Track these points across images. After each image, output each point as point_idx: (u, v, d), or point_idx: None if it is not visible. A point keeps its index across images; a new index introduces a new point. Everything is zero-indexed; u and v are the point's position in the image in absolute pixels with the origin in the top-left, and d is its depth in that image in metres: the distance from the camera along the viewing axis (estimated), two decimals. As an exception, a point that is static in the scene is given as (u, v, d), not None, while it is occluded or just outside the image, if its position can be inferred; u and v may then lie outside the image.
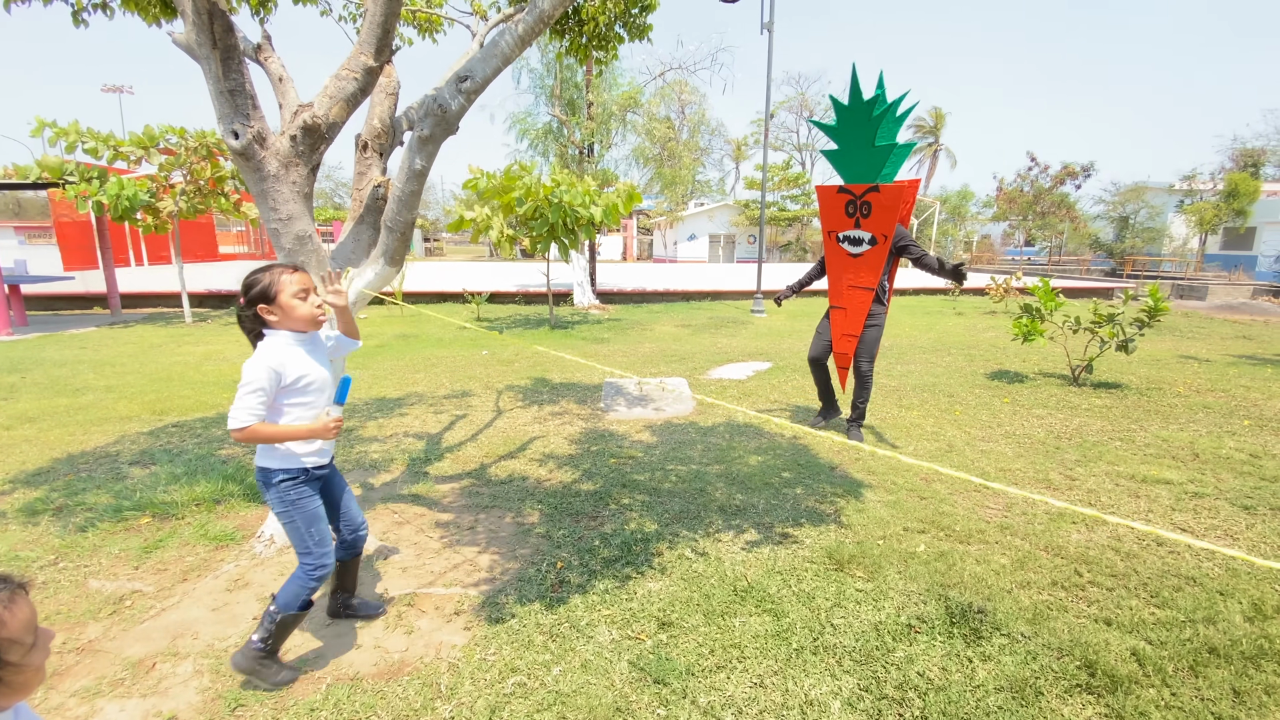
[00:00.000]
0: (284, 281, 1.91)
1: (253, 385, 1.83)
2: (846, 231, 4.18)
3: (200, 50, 2.20)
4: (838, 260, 4.29)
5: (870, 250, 4.12)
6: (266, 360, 1.86)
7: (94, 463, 4.08)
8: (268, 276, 1.91)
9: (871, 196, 4.00)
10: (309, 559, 2.00)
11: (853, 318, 4.30)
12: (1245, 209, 24.13)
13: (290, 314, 1.92)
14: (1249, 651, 2.20)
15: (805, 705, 1.95)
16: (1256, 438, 4.65)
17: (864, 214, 4.04)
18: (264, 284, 1.90)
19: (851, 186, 4.08)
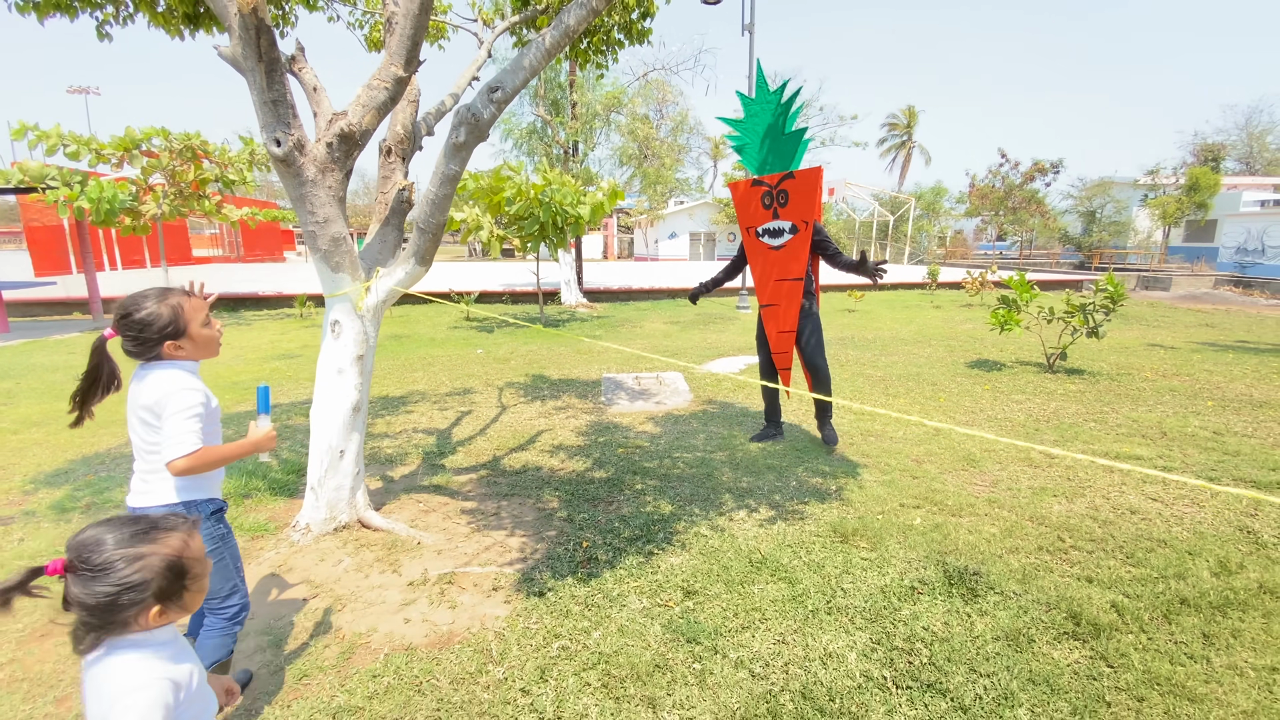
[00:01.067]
0: (190, 310, 1.70)
1: (192, 410, 1.63)
2: (766, 224, 4.07)
3: (246, 63, 2.33)
4: (761, 257, 4.15)
5: (792, 240, 4.00)
6: (193, 383, 1.68)
7: (110, 463, 4.14)
8: (169, 307, 1.66)
9: (787, 184, 3.93)
10: (234, 599, 1.84)
11: (786, 312, 4.15)
12: (1206, 202, 25.04)
13: (201, 345, 1.74)
14: (1216, 602, 2.46)
15: (825, 657, 2.15)
16: (1219, 417, 4.98)
17: (781, 203, 3.96)
18: (167, 317, 1.66)
19: (766, 178, 4.00)
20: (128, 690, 0.99)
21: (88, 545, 0.99)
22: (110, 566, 0.98)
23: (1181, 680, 2.03)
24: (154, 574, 1.01)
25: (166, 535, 1.05)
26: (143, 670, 1.01)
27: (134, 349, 1.66)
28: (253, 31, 2.26)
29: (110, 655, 1.01)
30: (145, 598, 1.00)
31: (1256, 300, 15.47)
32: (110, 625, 1.00)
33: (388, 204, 3.06)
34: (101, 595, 0.97)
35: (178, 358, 1.70)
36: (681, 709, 1.92)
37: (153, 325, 1.64)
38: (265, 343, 9.19)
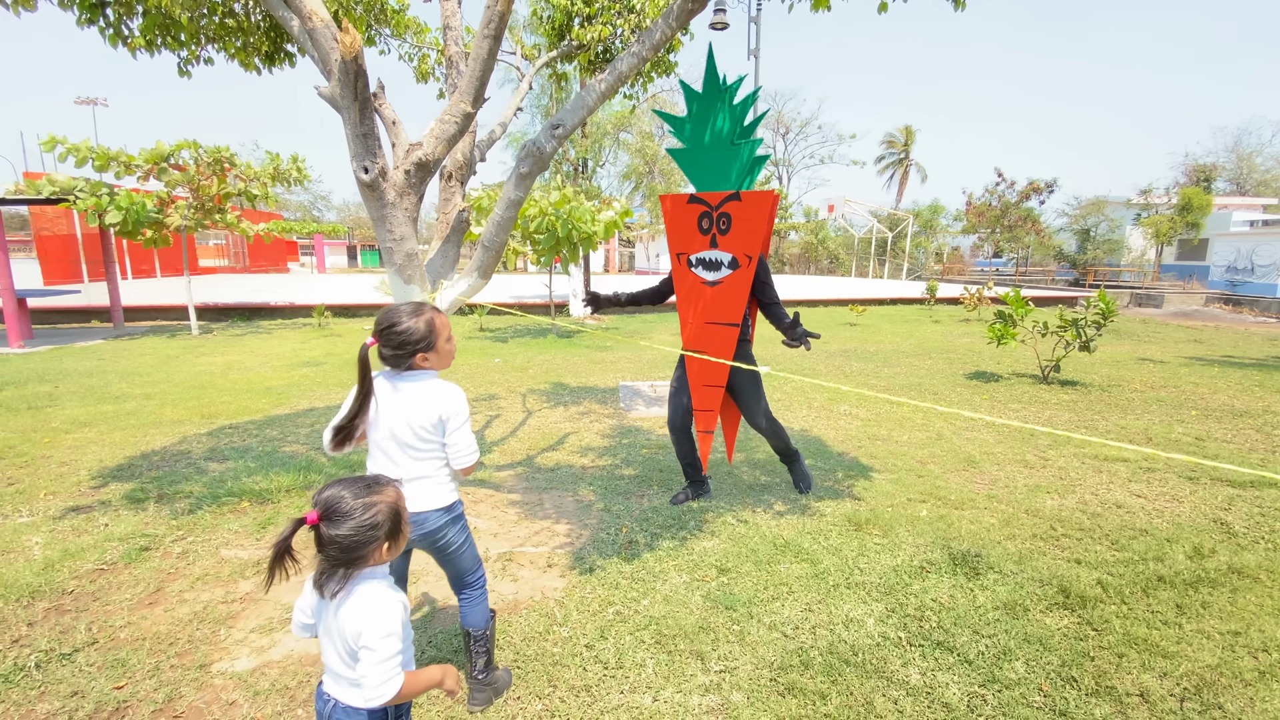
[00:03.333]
0: (440, 325, 1.86)
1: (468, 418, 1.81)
2: (701, 253, 3.36)
3: (343, 102, 2.68)
4: (690, 291, 3.44)
5: (731, 276, 3.31)
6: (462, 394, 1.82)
7: (169, 460, 4.44)
8: (424, 322, 1.82)
9: (731, 207, 3.24)
10: (479, 572, 2.05)
11: (714, 364, 3.41)
12: (1198, 222, 25.62)
13: (444, 357, 1.90)
14: (1189, 580, 2.78)
15: (847, 622, 2.47)
16: (1202, 425, 5.33)
17: (721, 229, 3.28)
18: (423, 330, 1.82)
19: (706, 196, 3.30)
20: (379, 604, 1.28)
21: (333, 500, 1.27)
22: (352, 513, 1.26)
23: (1156, 641, 2.34)
24: (384, 517, 1.29)
25: (386, 487, 1.34)
26: (384, 590, 1.32)
27: (391, 357, 1.81)
28: (351, 75, 2.61)
29: (355, 586, 1.30)
30: (379, 535, 1.29)
31: (1245, 317, 15.90)
32: (355, 561, 1.27)
33: (449, 223, 3.40)
34: (350, 535, 1.25)
35: (424, 368, 1.85)
36: (725, 661, 2.23)
37: (410, 338, 1.80)
38: (289, 351, 9.50)
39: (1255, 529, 3.30)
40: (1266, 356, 9.22)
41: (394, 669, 1.27)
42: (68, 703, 2.04)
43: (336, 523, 1.25)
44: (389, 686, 1.25)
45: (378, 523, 1.28)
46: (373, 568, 1.31)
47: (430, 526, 1.86)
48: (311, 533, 1.27)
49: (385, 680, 1.25)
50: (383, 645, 1.25)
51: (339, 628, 1.29)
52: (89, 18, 3.16)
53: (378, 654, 1.25)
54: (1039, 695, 2.08)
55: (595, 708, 2.01)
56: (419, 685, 1.34)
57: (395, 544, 1.33)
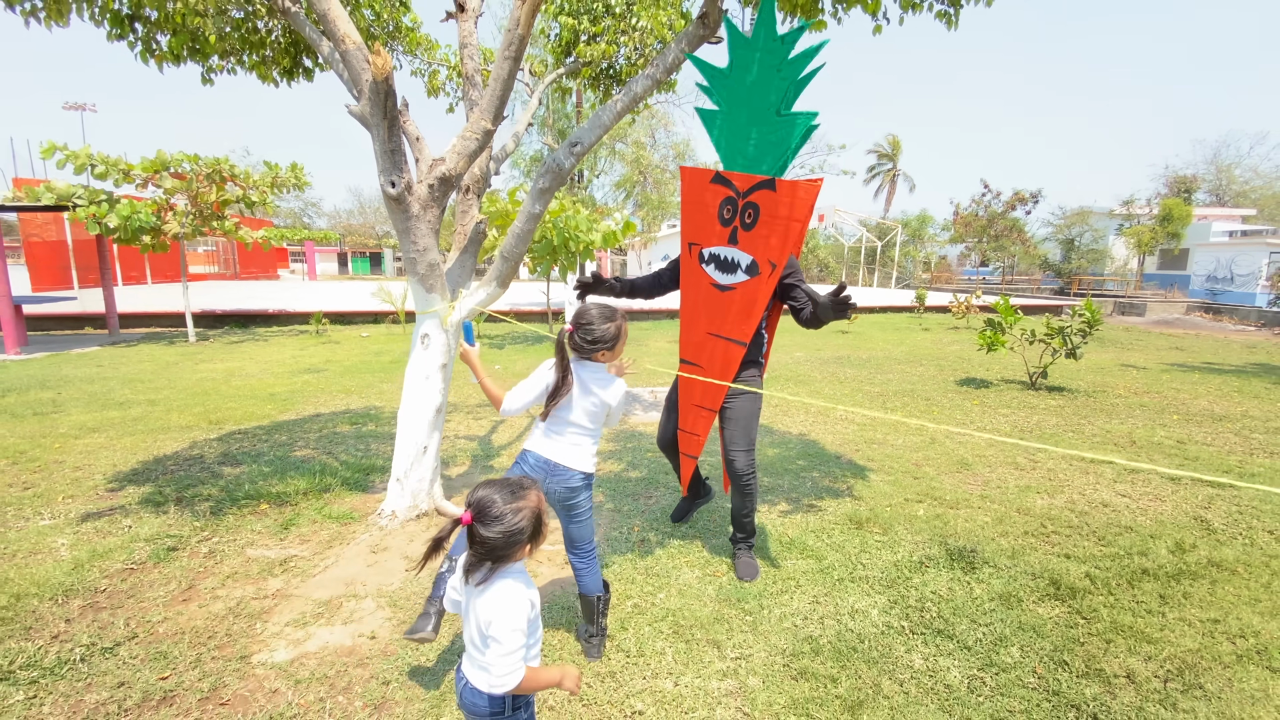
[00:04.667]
0: (624, 333, 2.21)
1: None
2: (716, 248, 2.76)
3: (373, 119, 2.82)
4: (698, 291, 2.86)
5: (747, 283, 2.71)
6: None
7: (183, 464, 4.51)
8: (616, 328, 2.18)
9: (762, 196, 2.57)
10: (593, 542, 2.34)
11: (714, 387, 2.87)
12: (1179, 232, 26.21)
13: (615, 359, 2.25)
14: (1171, 572, 2.95)
15: (852, 612, 2.61)
16: (1183, 429, 5.54)
17: (746, 222, 2.64)
18: (613, 333, 2.18)
19: (733, 176, 2.65)
20: (511, 600, 1.39)
21: (484, 502, 1.39)
22: (502, 517, 1.38)
23: (1141, 628, 2.50)
24: (529, 521, 1.41)
25: (529, 492, 1.45)
26: (518, 588, 1.42)
27: (580, 347, 2.18)
28: (381, 95, 2.75)
29: (495, 580, 1.41)
30: (524, 539, 1.40)
31: (1225, 325, 16.31)
32: (502, 559, 1.40)
33: (466, 234, 3.54)
34: (500, 536, 1.37)
35: (600, 362, 2.21)
36: (740, 649, 2.37)
37: (603, 338, 2.16)
38: (288, 358, 9.55)
39: (1233, 525, 3.48)
40: (1245, 363, 9.52)
41: (517, 662, 1.36)
42: (115, 693, 2.13)
43: (488, 524, 1.37)
44: (511, 678, 1.35)
45: (523, 527, 1.40)
46: (514, 564, 1.43)
47: (573, 483, 2.20)
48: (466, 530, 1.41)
49: (508, 672, 1.35)
50: (509, 638, 1.35)
51: (476, 613, 1.40)
52: (119, 33, 3.28)
53: (504, 646, 1.35)
54: (1033, 677, 2.23)
55: (620, 692, 2.13)
56: (539, 682, 1.43)
57: (536, 544, 1.45)
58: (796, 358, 9.62)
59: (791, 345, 10.92)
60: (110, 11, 3.15)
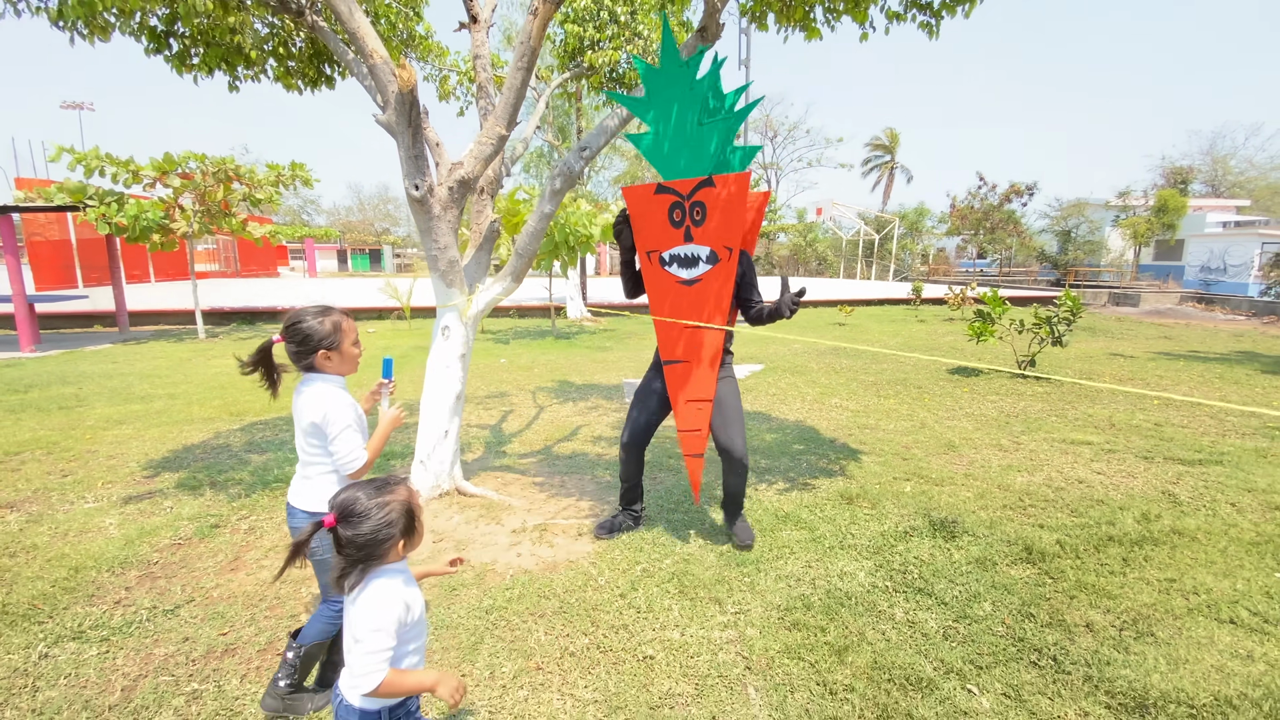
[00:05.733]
0: (346, 328, 1.92)
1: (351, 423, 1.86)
2: (674, 249, 2.98)
3: (398, 128, 3.06)
4: (665, 293, 3.05)
5: (711, 271, 2.95)
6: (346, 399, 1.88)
7: (211, 453, 4.76)
8: (331, 320, 1.89)
9: (705, 194, 2.86)
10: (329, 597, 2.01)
11: (699, 376, 3.04)
12: (1174, 223, 26.43)
13: (348, 361, 1.95)
14: (1135, 539, 3.21)
15: (841, 574, 2.87)
16: (1162, 413, 5.80)
17: (696, 220, 2.91)
18: (329, 329, 1.88)
19: (674, 184, 2.92)
20: (381, 598, 1.35)
21: (348, 502, 1.34)
22: (368, 513, 1.33)
23: (1103, 586, 2.76)
24: (398, 514, 1.36)
25: (398, 486, 1.41)
26: (391, 588, 1.37)
27: (293, 355, 1.90)
28: (407, 105, 2.99)
29: (369, 581, 1.37)
30: (394, 534, 1.35)
31: (1215, 315, 16.57)
32: (371, 559, 1.34)
33: (481, 233, 3.78)
34: (366, 535, 1.32)
35: (326, 369, 1.90)
36: (739, 605, 2.63)
37: (312, 338, 1.86)
38: (298, 353, 9.78)
39: (1199, 499, 3.74)
40: (1230, 351, 9.79)
41: (378, 662, 1.29)
42: (181, 646, 2.39)
43: (353, 523, 1.32)
44: (370, 678, 1.29)
45: (392, 520, 1.35)
46: (390, 564, 1.38)
47: (293, 523, 1.94)
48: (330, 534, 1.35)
49: (367, 672, 1.29)
50: (371, 638, 1.30)
51: (350, 621, 1.36)
52: (155, 48, 3.51)
53: (364, 645, 1.30)
54: (1002, 627, 2.49)
55: (633, 640, 2.39)
56: (405, 684, 1.34)
57: (410, 540, 1.41)
58: (794, 349, 9.87)
59: (789, 338, 11.17)
60: (147, 29, 3.38)
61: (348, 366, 1.97)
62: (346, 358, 1.95)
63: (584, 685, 2.16)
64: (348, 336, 1.93)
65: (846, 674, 2.20)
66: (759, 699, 2.10)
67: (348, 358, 1.95)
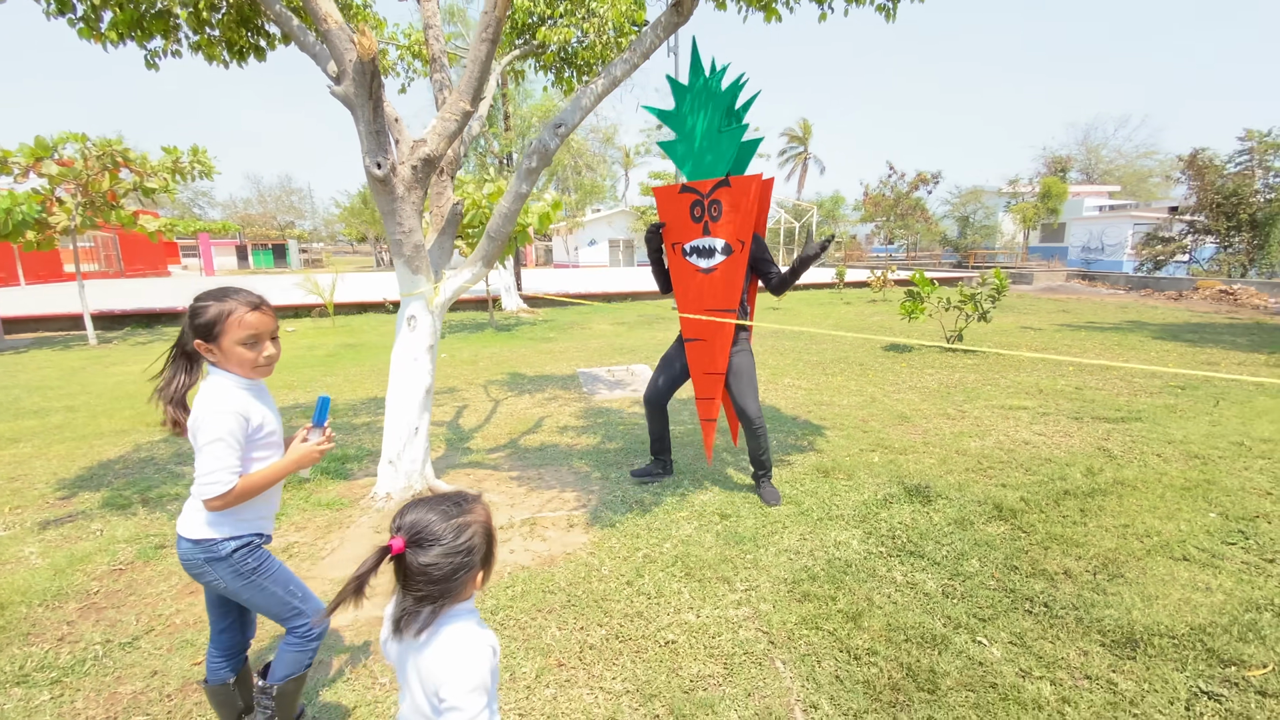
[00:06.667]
0: (232, 322, 1.54)
1: (222, 437, 1.48)
2: (694, 241, 3.40)
3: (357, 100, 2.82)
4: (688, 280, 3.48)
5: (725, 262, 3.33)
6: (229, 404, 1.51)
7: (133, 468, 4.28)
8: (218, 308, 1.54)
9: (721, 193, 3.25)
10: (299, 619, 1.70)
11: (714, 350, 3.46)
12: (1057, 208, 28.93)
13: (233, 361, 1.56)
14: (1087, 491, 3.48)
15: (836, 544, 2.94)
16: (1078, 378, 6.34)
17: (714, 216, 3.30)
18: (210, 317, 1.54)
19: (696, 184, 3.31)
20: (467, 650, 1.09)
21: (419, 524, 1.08)
22: (442, 537, 1.08)
23: (1070, 535, 2.98)
24: (479, 539, 1.12)
25: (474, 505, 1.15)
26: (474, 632, 1.12)
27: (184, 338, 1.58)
28: (367, 75, 2.76)
29: (444, 625, 1.10)
30: (475, 561, 1.11)
31: (1100, 290, 18.32)
32: (448, 594, 1.09)
33: (443, 216, 3.58)
34: (445, 563, 1.07)
35: (212, 363, 1.57)
36: (748, 582, 2.64)
37: (191, 320, 1.55)
38: (211, 356, 8.98)
39: (1129, 452, 4.11)
40: (1120, 321, 10.85)
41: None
42: (150, 681, 2.12)
43: (427, 549, 1.07)
44: None
45: (473, 546, 1.11)
46: (462, 603, 1.14)
47: (180, 554, 1.60)
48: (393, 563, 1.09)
49: None
50: (470, 702, 1.06)
51: (419, 675, 1.11)
52: (59, 9, 3.05)
53: (464, 712, 1.05)
54: (992, 580, 2.63)
55: (651, 627, 2.35)
56: None
57: (488, 571, 1.17)
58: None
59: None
60: (47, -16, 2.93)
61: (235, 368, 1.56)
62: (231, 357, 1.54)
63: (611, 677, 2.10)
64: (232, 332, 1.53)
65: (865, 638, 2.26)
66: (788, 671, 2.11)
67: (233, 357, 1.54)
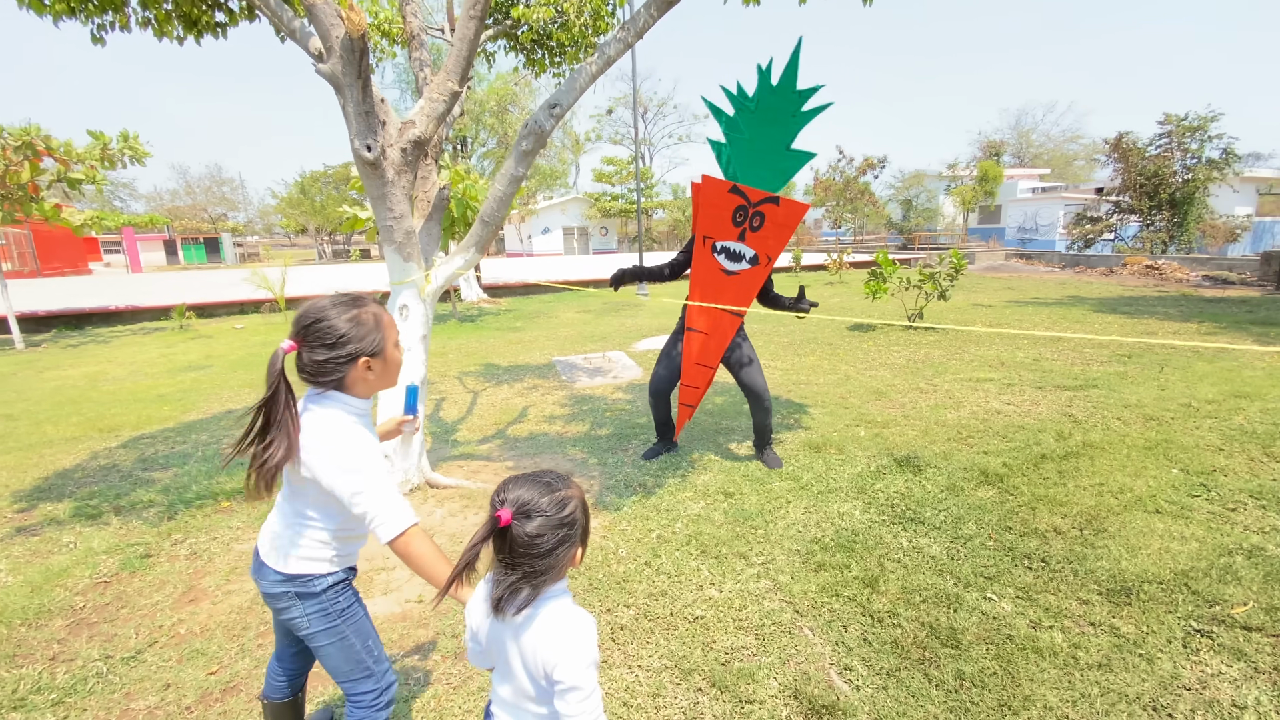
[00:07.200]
0: (388, 323, 1.42)
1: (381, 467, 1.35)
2: (727, 242, 3.44)
3: (345, 79, 2.69)
4: (708, 275, 3.52)
5: (749, 270, 3.47)
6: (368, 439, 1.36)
7: (96, 475, 4.02)
8: (369, 311, 1.38)
9: (768, 208, 3.32)
10: (369, 682, 1.51)
11: (713, 347, 3.61)
12: (993, 190, 30.22)
13: (391, 371, 1.45)
14: (1061, 454, 3.70)
15: (840, 515, 3.04)
16: (1034, 350, 6.69)
17: (754, 226, 3.38)
18: (372, 323, 1.37)
19: (747, 190, 3.34)
20: (576, 627, 1.08)
21: (523, 498, 1.06)
22: (547, 509, 1.06)
23: (1052, 495, 3.16)
24: (579, 512, 1.10)
25: (570, 481, 1.13)
26: (575, 610, 1.10)
27: (315, 368, 1.34)
28: (356, 53, 2.64)
29: (542, 605, 1.08)
30: (575, 536, 1.09)
31: (1038, 268, 19.29)
32: (550, 571, 1.06)
33: (430, 201, 3.47)
34: (551, 536, 1.05)
35: (354, 390, 1.38)
36: (764, 556, 2.70)
37: (349, 340, 1.33)
38: (156, 357, 8.49)
39: (1092, 417, 4.38)
40: (1062, 297, 11.47)
41: (598, 705, 1.08)
42: (165, 695, 2.02)
43: (532, 518, 1.05)
44: None
45: (575, 519, 1.09)
46: (558, 583, 1.12)
47: (273, 589, 1.42)
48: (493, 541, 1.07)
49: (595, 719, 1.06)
50: (586, 678, 1.05)
51: (523, 657, 1.08)
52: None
53: (583, 690, 1.04)
54: (990, 541, 2.77)
55: (678, 603, 2.38)
56: None
57: (585, 548, 1.15)
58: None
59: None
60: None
61: (388, 380, 1.45)
62: (391, 366, 1.43)
63: (648, 655, 2.12)
64: (391, 335, 1.42)
65: (885, 602, 2.35)
66: (817, 638, 2.18)
67: (392, 366, 1.44)
